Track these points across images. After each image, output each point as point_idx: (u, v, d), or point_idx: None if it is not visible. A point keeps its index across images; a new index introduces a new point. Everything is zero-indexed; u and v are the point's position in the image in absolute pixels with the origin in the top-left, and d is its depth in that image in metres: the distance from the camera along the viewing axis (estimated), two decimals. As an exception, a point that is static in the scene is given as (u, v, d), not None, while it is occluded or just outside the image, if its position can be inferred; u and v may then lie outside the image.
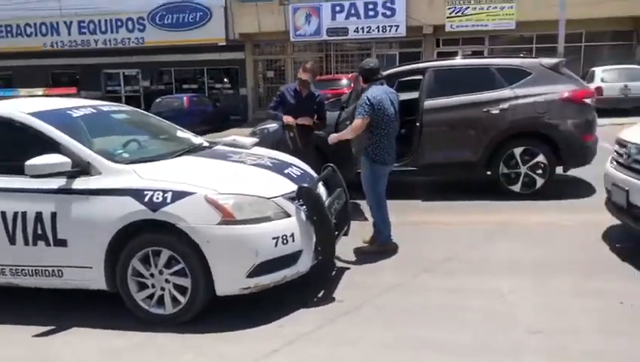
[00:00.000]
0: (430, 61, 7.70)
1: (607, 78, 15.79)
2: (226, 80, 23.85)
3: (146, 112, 5.87)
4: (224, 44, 21.44)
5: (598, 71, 16.15)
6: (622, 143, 4.46)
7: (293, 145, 5.35)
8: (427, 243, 4.95)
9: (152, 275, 3.49)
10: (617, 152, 4.53)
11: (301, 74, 5.54)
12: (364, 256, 4.63)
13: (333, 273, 4.31)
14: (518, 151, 6.36)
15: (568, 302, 3.58)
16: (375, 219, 4.74)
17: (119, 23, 22.38)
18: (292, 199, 3.67)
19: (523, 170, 6.36)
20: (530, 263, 4.31)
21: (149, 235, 3.48)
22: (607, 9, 17.38)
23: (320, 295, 3.93)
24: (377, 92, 4.50)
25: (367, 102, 4.44)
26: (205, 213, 3.36)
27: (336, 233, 4.10)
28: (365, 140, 4.53)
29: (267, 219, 3.49)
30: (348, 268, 4.40)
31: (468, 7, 18.83)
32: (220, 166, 4.01)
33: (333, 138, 4.77)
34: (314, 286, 4.01)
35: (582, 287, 3.79)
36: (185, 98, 18.73)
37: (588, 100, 6.38)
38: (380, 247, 4.71)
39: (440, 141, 6.54)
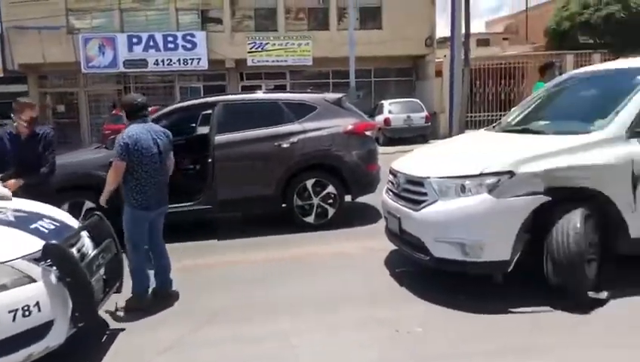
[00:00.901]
0: (220, 95, 7.55)
1: (393, 110, 17.46)
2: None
3: None
4: (1, 75, 18.94)
5: (386, 103, 17.80)
6: (393, 173, 4.72)
7: None
8: (215, 288, 4.65)
9: None
10: (390, 181, 4.78)
11: (18, 114, 4.65)
12: (140, 312, 4.11)
13: (104, 338, 3.75)
14: (309, 183, 6.47)
15: (350, 336, 3.56)
16: (132, 267, 4.17)
17: None
18: (37, 260, 3.08)
19: (315, 201, 6.47)
20: (318, 298, 4.26)
21: None
22: (389, 48, 19.38)
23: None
24: (135, 130, 4.07)
25: (122, 143, 3.99)
26: None
27: (106, 290, 3.59)
28: (129, 183, 4.08)
29: (0, 288, 2.86)
30: (123, 329, 3.87)
31: (267, 43, 19.43)
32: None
33: (102, 199, 4.18)
34: (77, 358, 3.42)
35: (364, 318, 3.82)
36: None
37: (369, 132, 6.78)
38: (136, 302, 4.17)
39: (234, 176, 6.36)
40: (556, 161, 3.76)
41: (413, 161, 4.69)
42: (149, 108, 4.46)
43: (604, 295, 3.71)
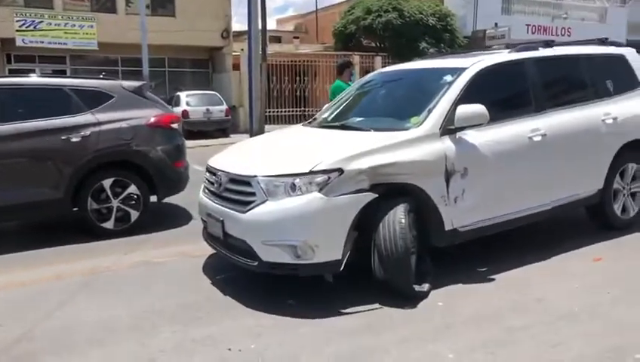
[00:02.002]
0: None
1: (191, 102, 16.74)
2: None
3: None
4: None
5: (183, 95, 17.00)
6: (212, 171, 4.28)
7: None
8: (-9, 321, 3.67)
9: None
10: (209, 180, 4.33)
11: None
12: None
13: None
14: (107, 183, 5.62)
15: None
16: None
17: None
18: None
19: (115, 203, 5.65)
20: (124, 321, 3.61)
21: None
22: (184, 38, 18.53)
23: None
24: None
25: None
26: None
27: None
28: None
29: None
30: None
31: (42, 22, 17.00)
32: None
33: None
34: None
35: (186, 339, 3.33)
36: None
37: (175, 125, 6.18)
38: None
39: (8, 178, 5.21)
40: (380, 158, 3.75)
41: (235, 158, 4.32)
42: None
43: (425, 287, 3.82)
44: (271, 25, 39.02)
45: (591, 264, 4.37)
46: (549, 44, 4.95)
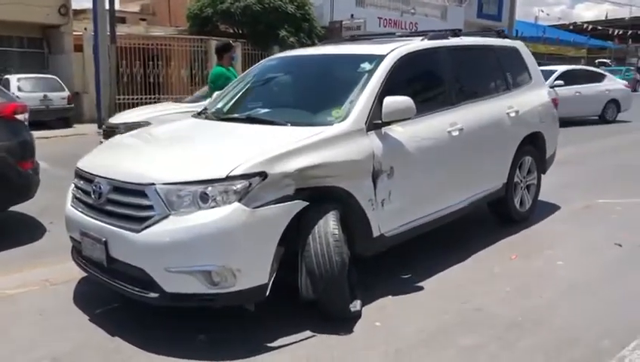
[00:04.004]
0: None
1: (24, 87, 14.41)
2: None
3: None
4: None
5: (13, 79, 14.57)
6: (86, 177, 3.33)
7: None
8: None
9: None
10: (81, 189, 3.37)
11: None
12: None
13: None
14: None
15: None
16: None
17: None
18: None
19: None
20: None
21: None
22: (12, 12, 15.88)
23: None
24: None
25: None
26: None
27: None
28: None
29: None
30: None
31: None
32: None
33: None
34: None
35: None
36: None
37: (20, 116, 4.92)
38: None
39: None
40: (307, 157, 3.15)
41: (119, 160, 3.40)
42: None
43: (358, 305, 3.32)
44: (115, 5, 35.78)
45: (509, 263, 4.24)
46: (456, 33, 4.73)
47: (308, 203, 3.07)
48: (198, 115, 4.40)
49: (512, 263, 4.23)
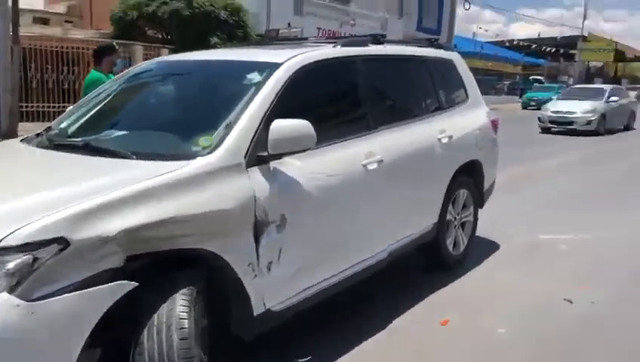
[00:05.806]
0: None
1: None
2: None
3: None
4: None
5: None
6: None
7: None
8: None
9: None
10: None
11: None
12: None
13: None
14: None
15: None
16: None
17: None
18: None
19: None
20: None
21: None
22: None
23: None
24: None
25: None
26: None
27: None
28: None
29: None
30: None
31: None
32: None
33: None
34: None
35: None
36: None
37: None
38: None
39: None
40: (146, 209, 2.13)
41: None
42: None
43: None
44: (38, 4, 33.54)
45: (440, 330, 3.35)
46: (378, 39, 3.83)
47: (139, 283, 2.04)
48: (36, 137, 3.27)
49: (442, 333, 3.33)
